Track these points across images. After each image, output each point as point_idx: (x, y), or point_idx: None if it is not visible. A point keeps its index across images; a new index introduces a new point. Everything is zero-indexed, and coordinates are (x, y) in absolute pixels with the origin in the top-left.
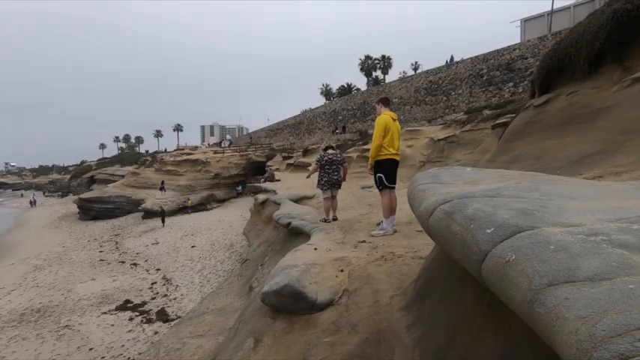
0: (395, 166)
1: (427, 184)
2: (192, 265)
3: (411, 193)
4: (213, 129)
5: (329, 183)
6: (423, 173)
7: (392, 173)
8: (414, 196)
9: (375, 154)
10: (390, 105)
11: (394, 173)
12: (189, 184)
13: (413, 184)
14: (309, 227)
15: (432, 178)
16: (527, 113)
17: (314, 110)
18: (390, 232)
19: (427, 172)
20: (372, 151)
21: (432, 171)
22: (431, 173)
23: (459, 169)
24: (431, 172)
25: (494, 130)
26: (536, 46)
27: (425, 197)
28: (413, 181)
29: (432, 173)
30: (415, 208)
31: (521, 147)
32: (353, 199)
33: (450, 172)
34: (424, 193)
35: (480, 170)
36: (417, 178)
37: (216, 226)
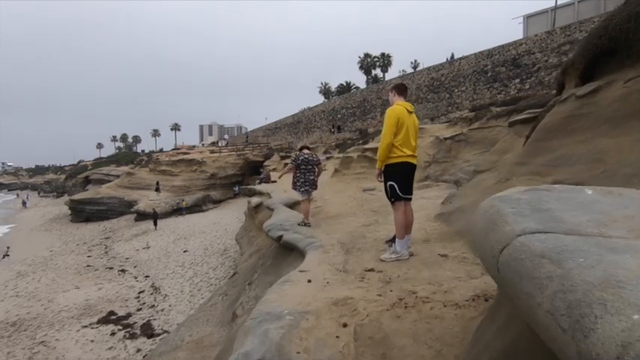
0: (411, 171)
1: (539, 234)
2: (183, 271)
3: (505, 256)
4: (212, 128)
5: (306, 184)
6: (508, 200)
7: (407, 181)
8: (510, 263)
9: (384, 156)
10: (406, 93)
11: (410, 181)
12: (184, 184)
13: (497, 227)
14: (304, 243)
15: (537, 215)
16: (566, 106)
17: (312, 109)
18: (405, 257)
19: (516, 199)
20: (381, 153)
21: (529, 197)
22: (527, 201)
23: (570, 191)
24: (527, 200)
25: (514, 128)
26: (543, 40)
27: (552, 276)
28: (494, 222)
29: (531, 202)
30: (517, 288)
31: (565, 147)
32: (354, 204)
33: (560, 197)
34: (541, 265)
35: (615, 195)
36: (504, 215)
37: (211, 229)
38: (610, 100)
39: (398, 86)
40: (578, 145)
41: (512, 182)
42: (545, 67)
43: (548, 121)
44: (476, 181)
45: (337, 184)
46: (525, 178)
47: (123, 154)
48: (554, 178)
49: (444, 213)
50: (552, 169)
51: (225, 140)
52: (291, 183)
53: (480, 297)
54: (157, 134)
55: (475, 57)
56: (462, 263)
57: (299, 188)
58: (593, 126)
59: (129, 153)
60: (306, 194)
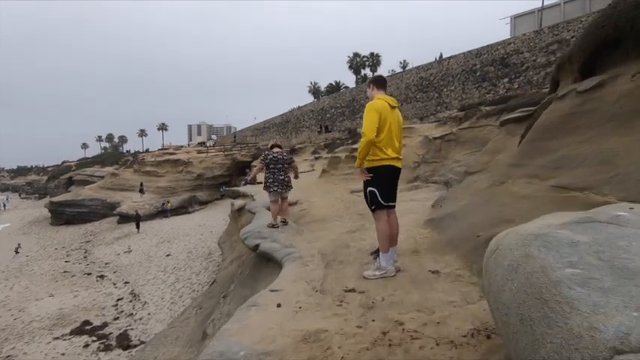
0: (395, 176)
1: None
2: (164, 277)
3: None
4: (201, 128)
5: (275, 184)
6: (556, 245)
7: (391, 186)
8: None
9: (365, 153)
10: (386, 87)
11: (394, 186)
12: (169, 185)
13: (552, 317)
14: (282, 253)
15: (628, 287)
16: (565, 103)
17: (301, 108)
18: (390, 273)
19: (569, 243)
20: (361, 149)
21: (591, 239)
22: (592, 249)
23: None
24: (589, 245)
25: (505, 127)
26: (531, 40)
27: None
28: (543, 300)
29: (599, 251)
30: None
31: (566, 147)
32: (341, 207)
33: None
34: None
35: None
36: (561, 286)
37: (196, 232)
38: (616, 96)
39: (376, 79)
40: (582, 145)
41: (508, 185)
42: (533, 66)
43: (545, 119)
44: (467, 182)
45: (325, 184)
46: (523, 181)
47: (108, 155)
48: (557, 182)
49: (434, 219)
50: (553, 172)
51: (212, 140)
52: None
53: (481, 332)
54: (143, 134)
55: (464, 56)
56: (456, 282)
57: (268, 189)
58: (597, 124)
59: (114, 153)
60: (276, 195)
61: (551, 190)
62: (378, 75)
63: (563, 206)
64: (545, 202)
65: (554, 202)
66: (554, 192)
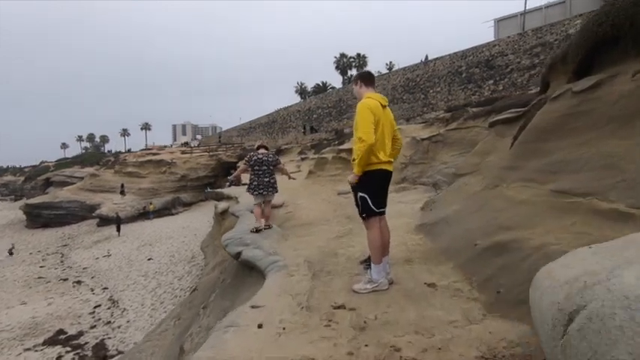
0: (387, 180)
1: None
2: (145, 282)
3: None
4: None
5: (259, 187)
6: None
7: (382, 192)
8: None
9: (365, 160)
10: (374, 83)
11: (385, 192)
12: (152, 186)
13: None
14: (265, 262)
15: None
16: (560, 103)
17: (288, 109)
18: (383, 287)
19: None
20: (363, 155)
21: None
22: None
23: None
24: None
25: (494, 128)
26: (516, 42)
27: None
28: None
29: None
30: None
31: (563, 149)
32: (328, 209)
33: None
34: None
35: None
36: None
37: (179, 234)
38: (616, 96)
39: (363, 75)
40: (581, 148)
41: (502, 189)
42: (517, 68)
43: (540, 120)
44: (457, 185)
45: (312, 186)
46: (518, 185)
47: (88, 155)
48: (557, 186)
49: (426, 224)
50: (551, 176)
51: (197, 140)
52: None
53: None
54: (126, 134)
55: (450, 58)
56: (456, 298)
57: (252, 191)
58: (596, 126)
59: (95, 153)
60: (260, 197)
61: (550, 195)
62: (365, 71)
63: (566, 213)
64: (545, 208)
65: (555, 208)
66: (555, 197)
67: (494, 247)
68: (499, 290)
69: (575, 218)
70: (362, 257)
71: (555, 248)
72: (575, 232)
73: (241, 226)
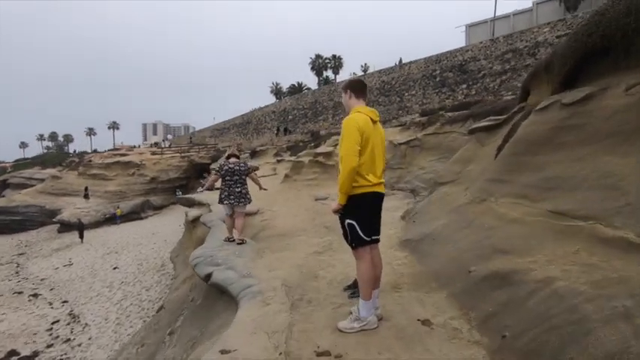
0: (378, 204)
1: None
2: (110, 294)
3: None
4: (157, 127)
5: (230, 197)
6: None
7: (374, 217)
8: None
9: (349, 185)
10: (366, 94)
11: (377, 217)
12: (119, 189)
13: None
14: (238, 286)
15: None
16: (550, 115)
17: (263, 109)
18: (372, 325)
19: None
20: (344, 181)
21: None
22: None
23: None
24: None
25: (475, 135)
26: (488, 48)
27: None
28: None
29: None
30: None
31: (557, 164)
32: (305, 217)
33: None
34: None
35: None
36: None
37: (148, 240)
38: (610, 111)
39: (354, 85)
40: (576, 164)
41: (491, 205)
42: (489, 73)
43: (528, 132)
44: (439, 194)
45: (288, 191)
46: (509, 201)
47: (50, 155)
48: (554, 206)
49: (411, 240)
50: (545, 193)
51: (168, 140)
52: None
53: None
54: (92, 133)
55: (424, 62)
56: (455, 341)
57: (222, 201)
58: (590, 141)
59: (58, 154)
60: (230, 208)
61: (546, 216)
62: (356, 79)
63: (567, 238)
64: (541, 229)
65: (553, 230)
66: (551, 218)
67: (492, 278)
68: (504, 334)
69: (577, 244)
70: (345, 281)
71: (564, 286)
72: (581, 262)
73: (213, 239)
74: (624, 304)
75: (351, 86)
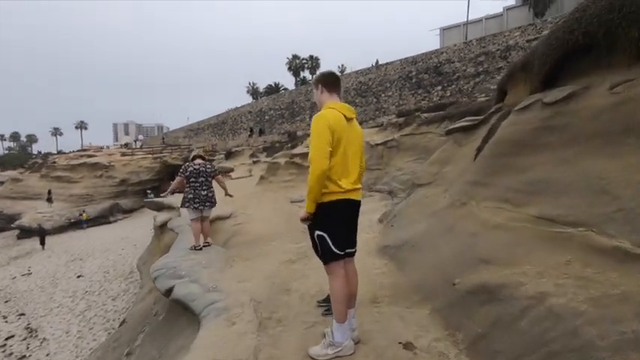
0: (354, 211)
1: None
2: (72, 304)
3: None
4: (128, 127)
5: (195, 200)
6: None
7: (347, 228)
8: None
9: (318, 191)
10: (340, 88)
11: (352, 227)
12: (86, 192)
13: None
14: (202, 302)
15: None
16: (531, 114)
17: (239, 109)
18: (347, 351)
19: None
20: (312, 187)
21: None
22: None
23: None
24: None
25: (452, 136)
26: (462, 50)
27: None
28: None
29: None
30: None
31: (540, 166)
32: (280, 220)
33: None
34: None
35: None
36: None
37: (117, 246)
38: (594, 110)
39: (325, 78)
40: (561, 167)
41: (472, 209)
42: (464, 75)
43: (508, 132)
44: (418, 197)
45: (263, 193)
46: (491, 205)
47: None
48: (540, 211)
49: (389, 246)
50: (530, 197)
51: (139, 141)
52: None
53: None
54: (57, 133)
55: (400, 63)
56: None
57: (187, 206)
58: (573, 142)
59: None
60: (197, 213)
61: (533, 222)
62: (328, 71)
63: (556, 246)
64: (528, 236)
65: (541, 238)
66: (538, 224)
67: (478, 292)
68: None
69: (569, 254)
70: (319, 295)
71: (560, 304)
72: (575, 275)
73: (178, 247)
74: (633, 328)
75: (323, 80)
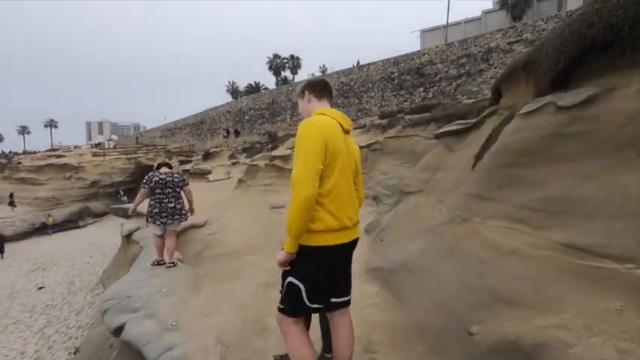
0: (349, 256)
1: None
2: (31, 320)
3: None
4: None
5: (162, 215)
6: None
7: (338, 277)
8: None
9: (300, 225)
10: (332, 96)
11: (345, 274)
12: (53, 195)
13: None
14: (157, 347)
15: None
16: (543, 119)
17: (218, 109)
18: None
19: None
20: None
21: None
22: None
23: None
24: None
25: (442, 140)
26: (444, 52)
27: None
28: None
29: None
30: None
31: (559, 181)
32: (259, 230)
33: None
34: None
35: None
36: None
37: (84, 253)
38: (624, 116)
39: (313, 83)
40: (587, 183)
41: (476, 227)
42: (445, 77)
43: (515, 139)
44: (408, 207)
45: (241, 197)
46: (501, 224)
47: None
48: (567, 238)
49: (381, 269)
50: (551, 218)
51: (112, 141)
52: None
53: None
54: (25, 132)
55: (383, 64)
56: None
57: (152, 220)
58: (601, 153)
59: None
60: (162, 228)
61: (560, 251)
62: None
63: (596, 285)
64: (556, 270)
65: (573, 273)
66: (567, 254)
67: (508, 351)
68: None
69: (617, 299)
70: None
71: None
72: (638, 332)
73: (139, 267)
74: None
75: (311, 85)
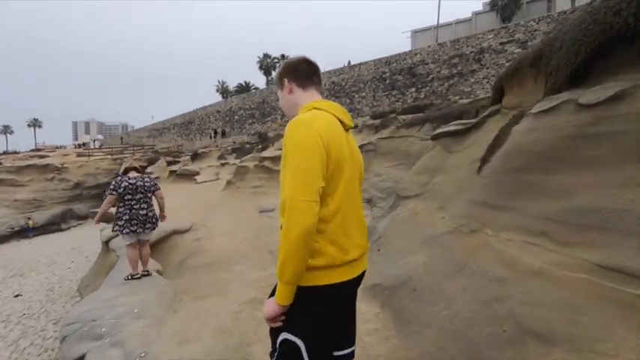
0: (351, 299)
1: None
2: (5, 331)
3: None
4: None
5: (133, 222)
6: None
7: (343, 323)
8: None
9: (296, 264)
10: (320, 82)
11: (350, 317)
12: (34, 197)
13: None
14: None
15: None
16: (559, 119)
17: (207, 108)
18: None
19: None
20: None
21: None
22: None
23: None
24: None
25: (439, 141)
26: (436, 52)
27: None
28: None
29: None
30: None
31: (588, 190)
32: (247, 235)
33: None
34: None
35: None
36: None
37: (66, 258)
38: None
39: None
40: (624, 191)
41: (488, 239)
42: (437, 77)
43: (528, 141)
44: (406, 212)
45: (229, 200)
46: (518, 237)
47: None
48: (604, 258)
49: (380, 285)
50: (581, 233)
51: (98, 141)
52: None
53: None
54: (7, 131)
55: (374, 63)
56: None
57: (121, 229)
58: (631, 156)
59: None
60: (134, 237)
61: (596, 273)
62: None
63: None
64: (592, 297)
65: (616, 303)
66: (605, 279)
67: None
68: None
69: None
70: None
71: None
72: None
73: (111, 282)
74: None
75: (289, 70)
